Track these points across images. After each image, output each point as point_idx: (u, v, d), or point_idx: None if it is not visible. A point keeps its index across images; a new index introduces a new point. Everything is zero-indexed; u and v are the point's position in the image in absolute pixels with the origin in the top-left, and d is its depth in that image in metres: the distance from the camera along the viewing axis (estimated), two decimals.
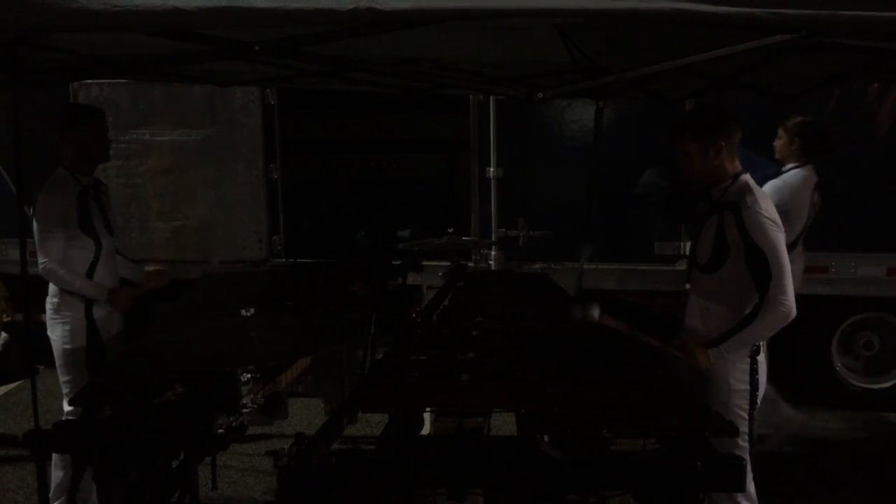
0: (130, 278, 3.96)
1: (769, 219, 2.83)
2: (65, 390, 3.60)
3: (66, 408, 3.54)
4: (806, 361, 5.46)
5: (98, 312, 3.61)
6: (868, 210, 5.03)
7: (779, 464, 4.54)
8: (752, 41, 2.09)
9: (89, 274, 3.58)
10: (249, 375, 2.60)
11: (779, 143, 4.65)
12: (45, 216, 3.46)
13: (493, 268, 5.56)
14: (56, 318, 3.58)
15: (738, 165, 3.02)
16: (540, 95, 2.28)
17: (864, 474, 4.50)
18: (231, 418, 2.52)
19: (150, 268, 4.06)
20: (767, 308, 2.80)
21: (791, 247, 4.46)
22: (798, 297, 2.74)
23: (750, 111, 4.81)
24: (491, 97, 5.37)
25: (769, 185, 4.46)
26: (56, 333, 3.59)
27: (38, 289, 3.51)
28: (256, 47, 2.06)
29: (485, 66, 3.54)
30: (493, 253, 5.59)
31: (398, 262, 4.80)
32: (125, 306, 3.71)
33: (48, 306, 3.61)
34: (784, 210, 4.29)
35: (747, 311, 2.88)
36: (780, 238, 2.82)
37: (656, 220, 5.27)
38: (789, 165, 4.60)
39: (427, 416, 2.81)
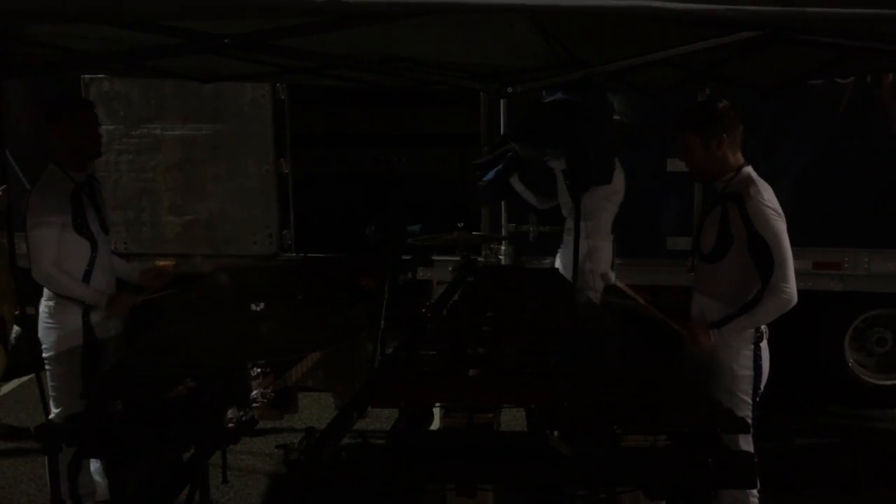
0: (125, 278, 3.81)
1: (772, 209, 2.91)
2: (52, 394, 3.47)
3: (54, 410, 3.46)
4: (818, 357, 5.43)
5: (95, 317, 3.47)
6: (882, 205, 4.99)
7: (790, 459, 4.52)
8: (719, 37, 2.10)
9: (86, 276, 3.43)
10: (259, 370, 2.60)
11: None
12: (39, 217, 3.28)
13: (503, 263, 5.55)
14: (51, 324, 3.43)
15: (740, 157, 3.09)
16: (510, 90, 2.29)
17: (875, 471, 4.48)
18: (241, 412, 2.52)
19: (162, 262, 4.03)
20: (770, 295, 2.89)
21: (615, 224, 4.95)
22: (811, 293, 2.78)
23: (757, 101, 4.82)
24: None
25: None
26: (50, 338, 3.44)
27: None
28: (226, 40, 2.05)
29: (465, 63, 3.51)
30: (503, 248, 5.57)
31: (408, 257, 4.80)
32: (124, 312, 3.55)
33: (42, 309, 3.45)
34: (615, 191, 4.87)
35: (749, 298, 2.96)
36: (782, 227, 2.90)
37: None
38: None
39: (437, 411, 2.81)
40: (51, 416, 3.42)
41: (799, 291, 2.94)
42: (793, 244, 3.27)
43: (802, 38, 2.13)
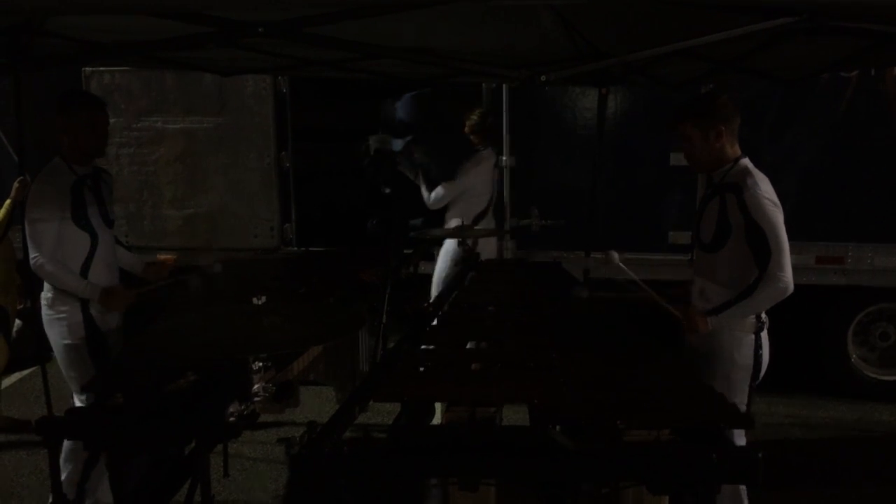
0: (130, 269, 3.77)
1: (769, 199, 2.96)
2: (72, 385, 3.46)
3: (78, 398, 3.42)
4: (821, 352, 5.42)
5: (94, 309, 3.44)
6: (885, 200, 4.97)
7: (791, 453, 4.52)
8: (755, 24, 2.09)
9: (84, 269, 3.40)
10: (261, 363, 2.60)
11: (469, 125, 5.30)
12: (38, 208, 3.26)
13: (505, 257, 5.54)
14: (52, 315, 3.42)
15: (737, 149, 3.13)
16: (543, 78, 2.29)
17: (878, 466, 4.47)
18: (243, 406, 2.52)
19: (162, 256, 4.01)
20: (766, 282, 2.94)
21: (480, 218, 5.21)
22: (814, 288, 2.78)
23: (761, 96, 4.82)
24: (504, 86, 5.34)
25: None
26: (54, 330, 3.42)
27: None
28: (260, 29, 2.06)
29: (488, 54, 3.52)
30: (507, 242, 5.56)
31: (410, 251, 4.79)
32: (118, 309, 3.50)
33: (43, 301, 3.42)
34: (471, 185, 5.13)
35: (748, 285, 3.01)
36: (778, 217, 2.96)
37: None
38: (477, 147, 5.29)
39: (439, 406, 2.80)
40: (76, 404, 3.38)
41: (802, 286, 2.97)
42: (796, 238, 3.24)
43: (838, 24, 2.11)
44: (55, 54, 2.91)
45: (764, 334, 3.10)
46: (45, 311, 3.44)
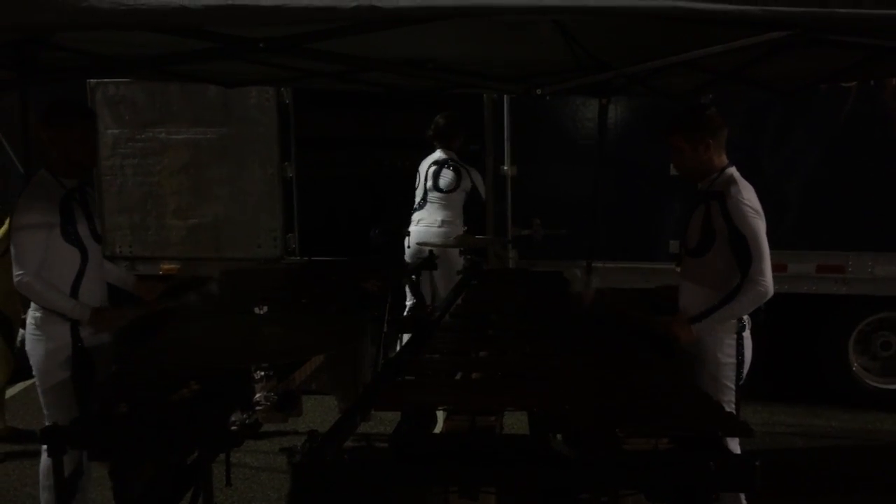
0: (120, 285, 3.64)
1: (750, 207, 3.10)
2: (45, 411, 3.25)
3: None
4: (822, 361, 5.42)
5: (85, 329, 3.25)
6: (885, 209, 4.98)
7: (793, 463, 4.52)
8: (749, 38, 2.13)
9: (75, 287, 3.22)
10: (263, 373, 2.61)
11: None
12: (25, 223, 3.09)
13: (508, 266, 5.55)
14: (38, 336, 3.23)
15: (724, 159, 3.28)
16: (538, 91, 2.32)
17: (879, 474, 4.47)
18: (245, 415, 2.54)
19: (167, 266, 4.00)
20: (747, 287, 3.07)
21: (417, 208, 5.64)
22: (815, 297, 2.82)
23: (762, 105, 4.84)
24: (505, 96, 5.37)
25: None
26: (38, 352, 3.23)
27: None
28: (261, 44, 2.09)
29: (488, 65, 3.54)
30: (510, 252, 5.58)
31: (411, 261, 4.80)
32: (109, 329, 3.35)
33: (29, 320, 3.24)
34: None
35: (731, 289, 3.13)
36: (759, 224, 3.09)
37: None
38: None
39: (440, 414, 2.81)
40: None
41: (803, 295, 3.01)
42: (797, 247, 3.26)
43: (831, 38, 2.15)
44: (61, 67, 2.94)
45: (746, 334, 3.22)
46: (31, 332, 3.27)
